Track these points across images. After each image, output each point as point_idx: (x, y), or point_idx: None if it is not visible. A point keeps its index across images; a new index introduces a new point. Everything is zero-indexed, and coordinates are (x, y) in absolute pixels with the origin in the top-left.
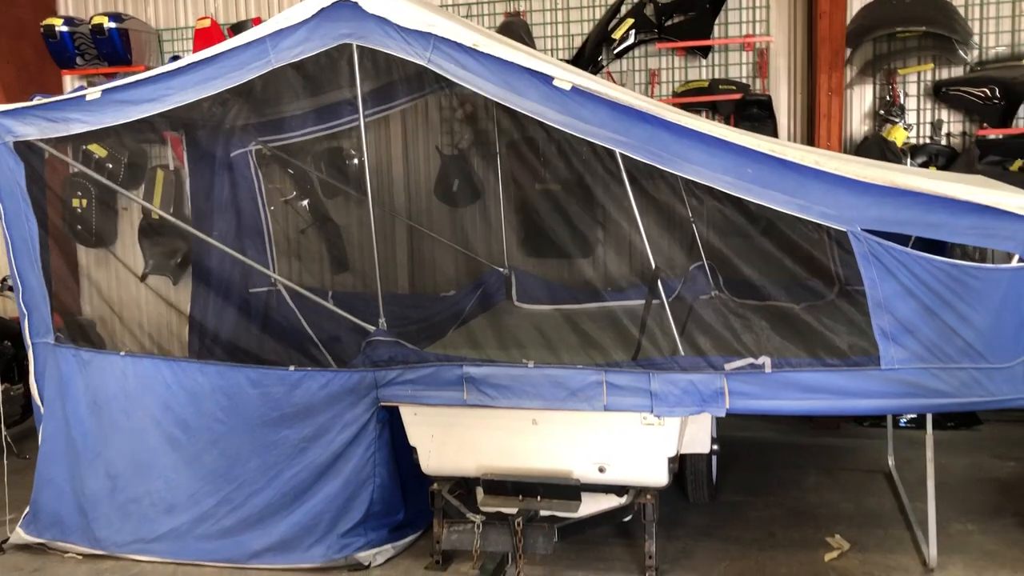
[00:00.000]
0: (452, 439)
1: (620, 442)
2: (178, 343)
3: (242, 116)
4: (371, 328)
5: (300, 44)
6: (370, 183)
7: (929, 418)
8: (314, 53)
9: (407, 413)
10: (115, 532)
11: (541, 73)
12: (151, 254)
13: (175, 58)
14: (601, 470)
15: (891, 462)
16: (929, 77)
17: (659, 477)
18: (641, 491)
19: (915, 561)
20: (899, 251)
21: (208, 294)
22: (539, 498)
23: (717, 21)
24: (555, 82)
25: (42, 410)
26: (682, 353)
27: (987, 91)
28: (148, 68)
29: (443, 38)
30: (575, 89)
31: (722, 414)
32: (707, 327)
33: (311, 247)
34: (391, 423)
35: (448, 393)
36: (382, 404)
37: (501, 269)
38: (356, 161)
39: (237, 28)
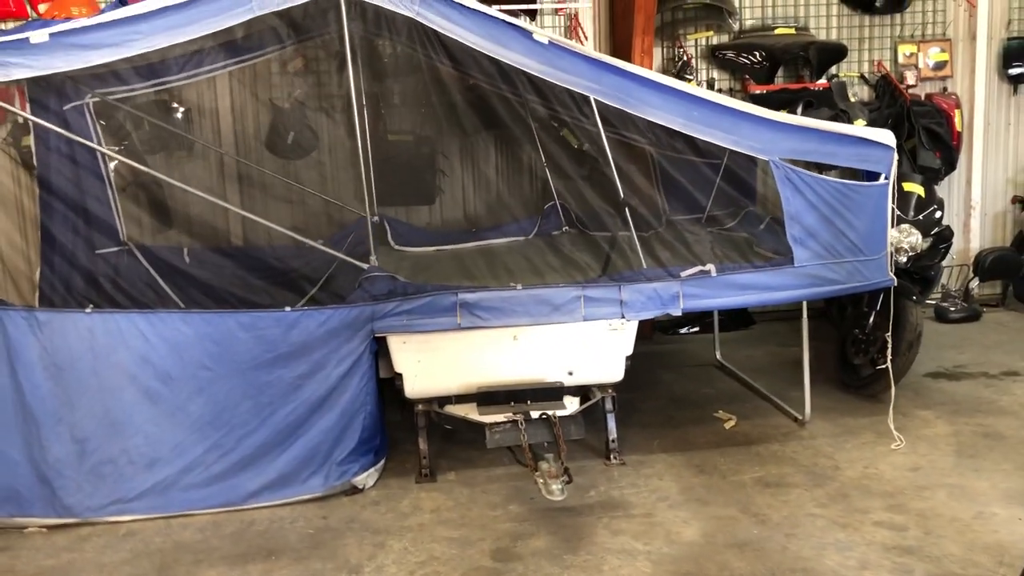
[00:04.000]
0: (438, 362)
1: (588, 347)
2: None
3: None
4: (364, 266)
5: None
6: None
7: (805, 307)
8: (300, 2)
9: (396, 342)
10: (87, 497)
11: (521, 28)
12: None
13: (121, 2)
14: (570, 373)
15: (718, 355)
16: (703, 43)
17: (618, 374)
18: (602, 387)
19: (787, 420)
20: (806, 175)
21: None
22: (528, 402)
23: None
24: (535, 36)
25: None
26: (644, 266)
27: (757, 55)
28: None
29: None
30: (552, 43)
31: (678, 313)
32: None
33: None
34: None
35: (443, 319)
36: (376, 335)
37: (365, 216)
38: (181, 113)
39: None
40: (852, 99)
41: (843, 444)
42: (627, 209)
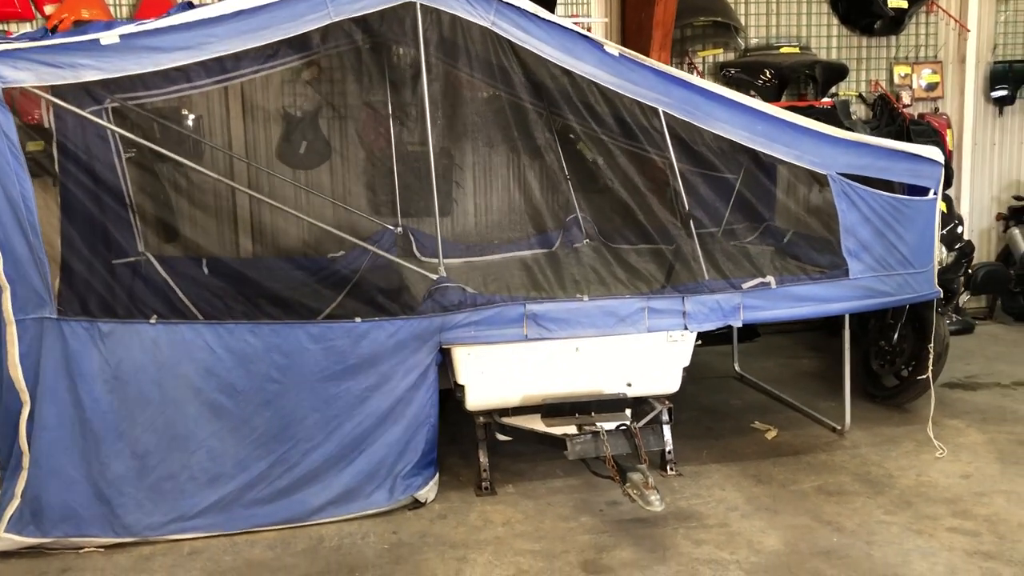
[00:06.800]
0: (501, 374)
1: (648, 358)
2: None
3: None
4: (433, 276)
5: None
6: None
7: (847, 319)
8: (376, 9)
9: (461, 354)
10: (146, 515)
11: (594, 40)
12: None
13: (188, 4)
14: (629, 384)
15: (737, 367)
16: (711, 59)
17: (675, 385)
18: (659, 398)
19: (825, 430)
20: (861, 189)
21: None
22: (592, 414)
23: None
24: (606, 48)
25: (24, 397)
26: (707, 278)
27: (767, 73)
28: None
29: (506, 3)
30: (622, 56)
31: (739, 324)
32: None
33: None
34: None
35: (509, 330)
36: (443, 346)
37: (390, 227)
38: (191, 120)
39: None
40: (853, 117)
41: (888, 453)
42: (690, 220)
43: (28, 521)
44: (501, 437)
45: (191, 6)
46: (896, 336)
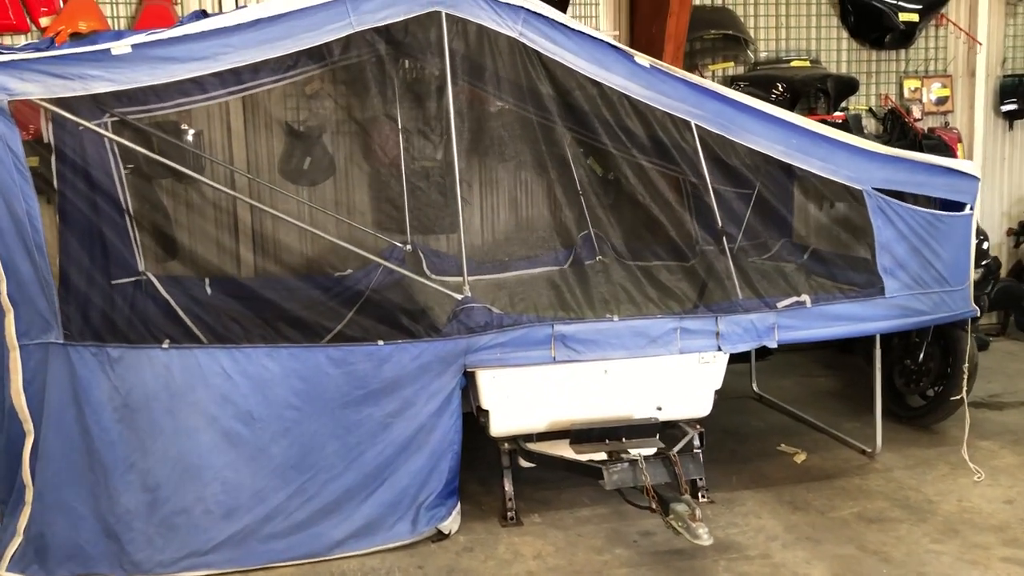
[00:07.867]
0: (527, 398)
1: (679, 381)
2: None
3: None
4: (457, 296)
5: (385, 8)
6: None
7: (877, 339)
8: (400, 19)
9: (485, 377)
10: (158, 551)
11: (624, 51)
12: None
13: (203, 13)
14: (659, 408)
15: (755, 387)
16: (719, 73)
17: (706, 409)
18: (689, 422)
19: (854, 452)
20: (897, 205)
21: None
22: (623, 439)
23: None
24: (636, 59)
25: (27, 426)
26: (740, 297)
27: (779, 87)
28: None
29: (534, 12)
30: (653, 67)
31: (774, 345)
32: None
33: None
34: None
35: (537, 352)
36: (467, 369)
37: (399, 244)
38: (191, 135)
39: None
40: (865, 131)
41: (923, 476)
42: (723, 237)
43: (32, 560)
44: (525, 464)
45: (204, 15)
46: (922, 355)
